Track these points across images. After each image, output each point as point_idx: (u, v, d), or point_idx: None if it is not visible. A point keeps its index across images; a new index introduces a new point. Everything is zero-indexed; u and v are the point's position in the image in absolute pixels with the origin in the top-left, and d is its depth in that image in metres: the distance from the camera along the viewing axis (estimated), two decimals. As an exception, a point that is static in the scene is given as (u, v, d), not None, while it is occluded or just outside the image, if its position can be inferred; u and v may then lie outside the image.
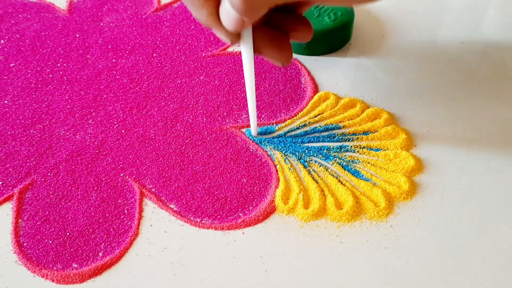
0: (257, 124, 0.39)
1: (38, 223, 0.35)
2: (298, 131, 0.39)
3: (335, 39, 0.44)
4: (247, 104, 0.41)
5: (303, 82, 0.43)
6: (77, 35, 0.47)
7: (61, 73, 0.44)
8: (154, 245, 0.33)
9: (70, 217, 0.35)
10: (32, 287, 0.32)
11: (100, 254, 0.33)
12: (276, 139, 0.39)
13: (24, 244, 0.34)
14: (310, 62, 0.44)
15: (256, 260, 0.33)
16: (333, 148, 0.38)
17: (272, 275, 0.32)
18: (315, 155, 0.38)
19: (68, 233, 0.34)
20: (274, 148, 0.38)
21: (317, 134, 0.39)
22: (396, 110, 0.40)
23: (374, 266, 0.32)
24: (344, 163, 0.37)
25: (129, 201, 0.36)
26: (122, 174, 0.37)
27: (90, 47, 0.46)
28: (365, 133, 0.39)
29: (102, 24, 0.48)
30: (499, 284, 0.31)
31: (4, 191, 0.36)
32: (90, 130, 0.40)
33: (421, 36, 0.46)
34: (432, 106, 0.41)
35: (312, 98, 0.41)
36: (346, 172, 0.37)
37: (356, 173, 0.37)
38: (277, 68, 0.44)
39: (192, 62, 0.45)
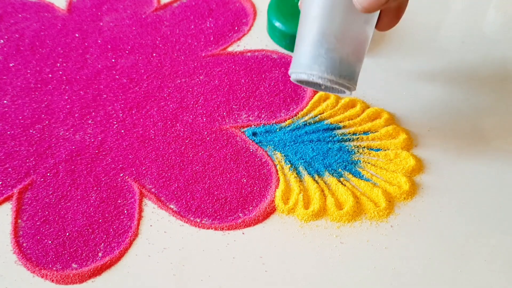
0: (257, 124, 0.39)
1: (38, 223, 0.34)
2: (298, 131, 0.39)
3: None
4: (247, 104, 0.41)
5: (303, 82, 0.43)
6: (77, 35, 0.47)
7: (60, 73, 0.44)
8: (154, 245, 0.33)
9: (69, 217, 0.35)
10: (32, 287, 0.32)
11: (100, 254, 0.33)
12: (276, 139, 0.38)
13: (24, 244, 0.34)
14: (310, 62, 0.44)
15: (256, 260, 0.33)
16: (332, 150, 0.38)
17: (272, 275, 0.32)
18: (315, 155, 0.37)
19: (67, 233, 0.34)
20: (274, 148, 0.38)
21: (317, 134, 0.39)
22: (396, 110, 0.40)
23: (374, 267, 0.32)
24: (345, 163, 0.37)
25: (129, 201, 0.35)
26: (121, 174, 0.37)
27: (89, 47, 0.46)
28: (366, 133, 0.39)
29: (101, 23, 0.48)
30: (499, 284, 0.31)
31: (3, 191, 0.36)
32: (89, 130, 0.40)
33: (421, 36, 0.46)
34: (432, 106, 0.41)
35: (312, 98, 0.41)
36: (347, 172, 0.37)
37: (356, 173, 0.36)
38: (277, 68, 0.44)
39: (192, 62, 0.44)
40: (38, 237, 0.34)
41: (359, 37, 0.31)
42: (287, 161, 0.37)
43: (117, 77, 0.43)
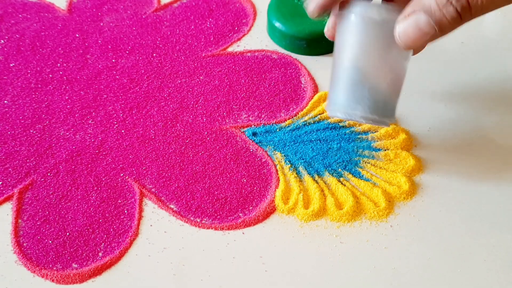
0: (257, 124, 0.39)
1: (38, 223, 0.35)
2: (298, 131, 0.39)
3: (335, 39, 0.44)
4: (247, 104, 0.41)
5: (303, 82, 0.43)
6: (77, 35, 0.47)
7: (61, 73, 0.44)
8: (154, 245, 0.33)
9: (70, 217, 0.35)
10: (32, 287, 0.32)
11: (100, 254, 0.33)
12: (276, 139, 0.39)
13: (24, 244, 0.34)
14: (310, 62, 0.44)
15: (256, 260, 0.33)
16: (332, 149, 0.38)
17: (272, 275, 0.32)
18: (315, 155, 0.38)
19: (68, 233, 0.34)
20: (274, 148, 0.38)
21: (317, 134, 0.39)
22: (396, 110, 0.40)
23: (374, 266, 0.32)
24: (345, 163, 0.37)
25: (129, 201, 0.36)
26: (122, 174, 0.37)
27: (90, 47, 0.46)
28: (365, 133, 0.39)
29: (102, 24, 0.48)
30: (499, 284, 0.31)
31: (4, 191, 0.36)
32: (90, 130, 0.40)
33: (421, 36, 0.46)
34: (432, 106, 0.41)
35: (312, 98, 0.41)
36: (346, 172, 0.37)
37: (356, 173, 0.37)
38: (277, 68, 0.44)
39: (192, 62, 0.45)
40: (39, 237, 0.34)
41: (399, 74, 0.30)
42: (287, 161, 0.37)
43: (117, 77, 0.43)
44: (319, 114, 0.40)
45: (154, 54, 0.45)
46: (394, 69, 0.30)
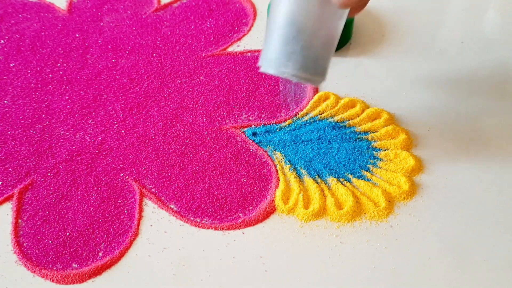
0: (257, 124, 0.39)
1: (38, 223, 0.35)
2: (298, 131, 0.39)
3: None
4: (247, 104, 0.41)
5: (303, 82, 0.43)
6: (77, 35, 0.47)
7: (61, 73, 0.44)
8: (154, 245, 0.33)
9: (70, 217, 0.35)
10: (32, 287, 0.32)
11: (100, 254, 0.33)
12: (276, 139, 0.39)
13: (24, 244, 0.34)
14: (310, 62, 0.44)
15: (256, 260, 0.33)
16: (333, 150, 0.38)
17: (272, 275, 0.32)
18: (315, 155, 0.38)
19: (68, 233, 0.34)
20: (274, 148, 0.38)
21: (317, 134, 0.39)
22: (396, 110, 0.40)
23: (374, 266, 0.32)
24: (345, 163, 0.37)
25: (129, 201, 0.36)
26: (122, 174, 0.37)
27: (90, 47, 0.46)
28: (365, 133, 0.39)
29: (102, 24, 0.48)
30: (499, 284, 0.31)
31: (4, 191, 0.36)
32: (90, 130, 0.40)
33: (421, 36, 0.46)
34: (432, 106, 0.41)
35: (312, 98, 0.41)
36: (346, 172, 0.37)
37: (356, 173, 0.37)
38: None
39: (192, 62, 0.45)
40: (39, 237, 0.34)
41: (332, 33, 0.31)
42: (287, 161, 0.37)
43: (117, 77, 0.43)
44: (319, 114, 0.40)
45: (154, 54, 0.45)
46: (328, 27, 0.30)
